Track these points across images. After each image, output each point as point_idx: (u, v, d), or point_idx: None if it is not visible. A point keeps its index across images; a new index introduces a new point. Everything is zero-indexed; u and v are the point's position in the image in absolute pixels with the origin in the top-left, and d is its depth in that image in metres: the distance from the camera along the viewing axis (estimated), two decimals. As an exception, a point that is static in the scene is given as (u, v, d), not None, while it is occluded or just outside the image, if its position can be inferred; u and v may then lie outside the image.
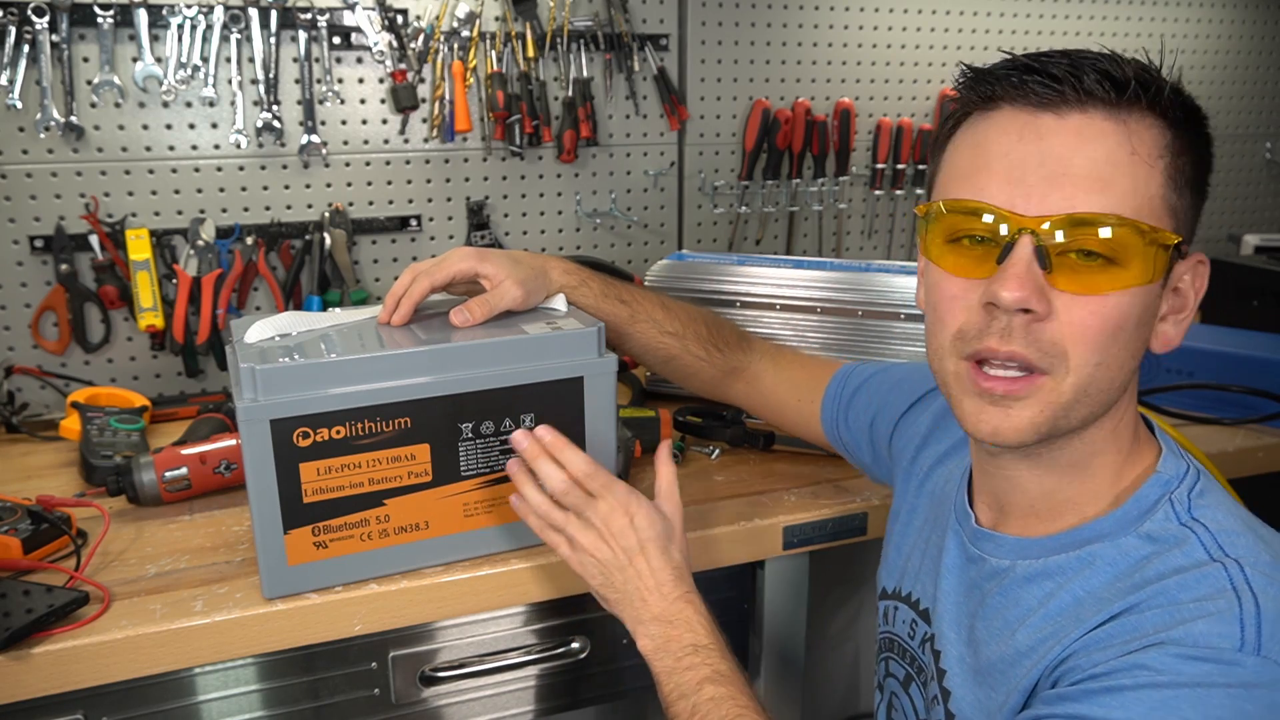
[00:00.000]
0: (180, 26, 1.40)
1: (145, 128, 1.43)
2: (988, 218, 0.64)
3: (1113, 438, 0.70)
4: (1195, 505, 0.67)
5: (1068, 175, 0.62)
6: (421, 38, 1.53)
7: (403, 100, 1.53)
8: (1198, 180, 0.67)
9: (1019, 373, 0.65)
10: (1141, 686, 0.58)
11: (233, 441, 1.13)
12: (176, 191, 1.47)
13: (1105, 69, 0.63)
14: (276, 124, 1.48)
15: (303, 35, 1.47)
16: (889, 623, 0.89)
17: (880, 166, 1.88)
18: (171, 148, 1.45)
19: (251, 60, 1.46)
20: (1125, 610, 0.63)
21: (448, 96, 1.57)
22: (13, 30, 1.33)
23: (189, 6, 1.40)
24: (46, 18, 1.34)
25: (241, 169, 1.50)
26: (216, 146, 1.48)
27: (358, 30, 1.50)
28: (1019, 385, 0.65)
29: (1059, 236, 0.62)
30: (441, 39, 1.54)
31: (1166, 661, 0.59)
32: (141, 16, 1.38)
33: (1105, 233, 0.62)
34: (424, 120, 1.58)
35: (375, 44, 1.50)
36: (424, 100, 1.56)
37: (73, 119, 1.38)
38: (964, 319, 0.67)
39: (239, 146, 1.48)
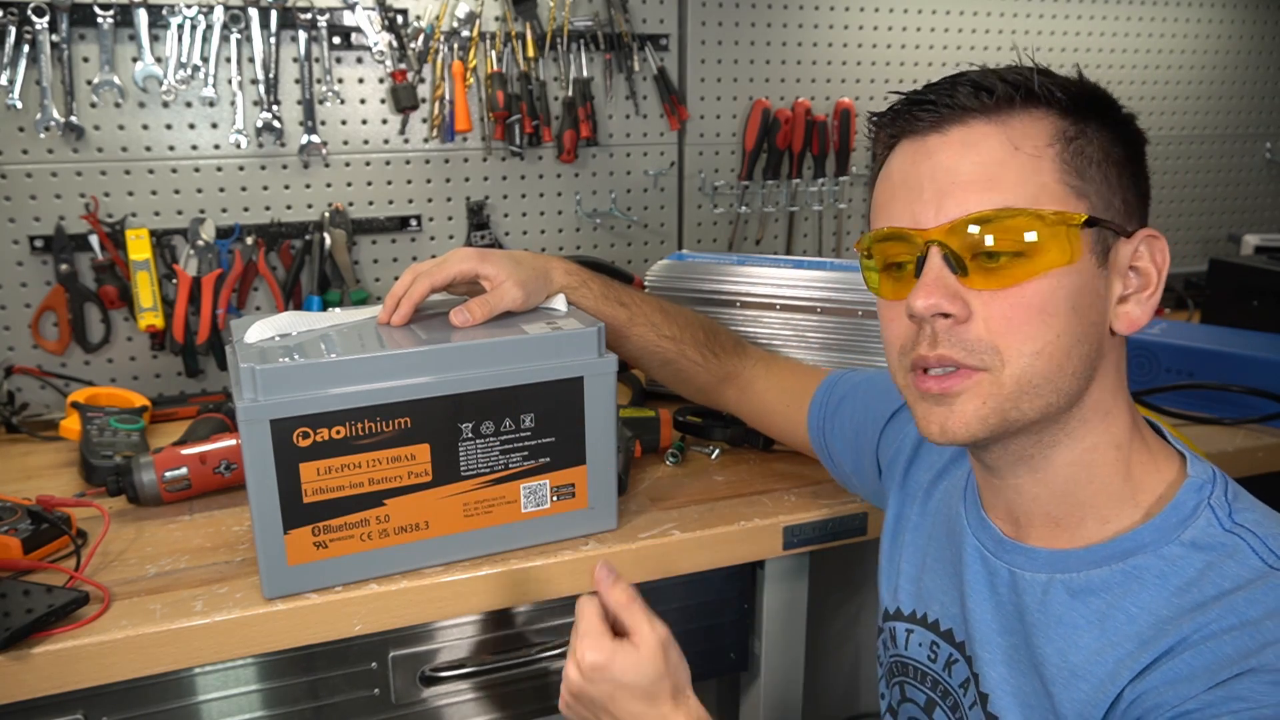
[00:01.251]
0: (180, 26, 1.40)
1: (145, 128, 1.43)
2: (898, 240, 0.68)
3: (1103, 431, 0.70)
4: (1235, 509, 0.66)
5: (956, 184, 0.66)
6: (421, 38, 1.53)
7: (403, 100, 1.53)
8: (1114, 157, 0.68)
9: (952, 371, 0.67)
10: None
11: (233, 441, 1.13)
12: (176, 191, 1.47)
13: (976, 81, 0.67)
14: (276, 124, 1.48)
15: (303, 35, 1.47)
16: (899, 645, 0.86)
17: (880, 166, 1.88)
18: (171, 148, 1.45)
19: (251, 60, 1.46)
20: (1197, 634, 0.61)
21: (448, 96, 1.57)
22: (13, 30, 1.33)
23: (189, 6, 1.40)
24: (46, 18, 1.34)
25: (241, 169, 1.50)
26: (216, 146, 1.48)
27: (358, 30, 1.50)
28: (952, 381, 0.67)
29: (962, 240, 0.65)
30: (441, 39, 1.54)
31: (1260, 690, 0.56)
32: (141, 16, 1.38)
33: (1001, 228, 0.64)
34: (424, 120, 1.58)
35: (375, 44, 1.50)
36: (424, 100, 1.56)
37: (73, 119, 1.38)
38: (901, 335, 0.70)
39: (239, 146, 1.48)
